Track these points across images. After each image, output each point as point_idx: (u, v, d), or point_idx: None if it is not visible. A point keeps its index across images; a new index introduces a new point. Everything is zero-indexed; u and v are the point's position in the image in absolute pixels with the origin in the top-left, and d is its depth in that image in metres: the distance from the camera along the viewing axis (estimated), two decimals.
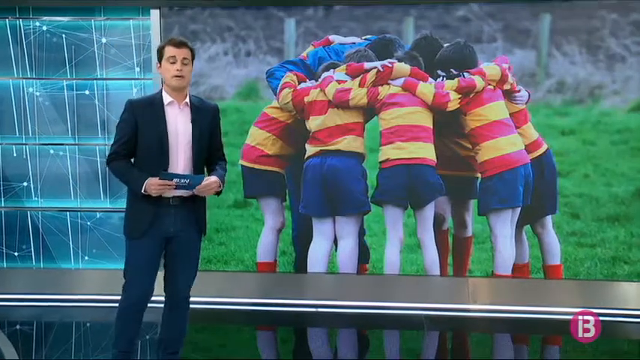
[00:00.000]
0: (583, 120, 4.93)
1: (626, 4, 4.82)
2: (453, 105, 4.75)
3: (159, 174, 3.23)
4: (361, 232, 5.00)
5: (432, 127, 4.78)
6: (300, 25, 5.07)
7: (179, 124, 3.36)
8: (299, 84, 4.92)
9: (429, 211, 4.84)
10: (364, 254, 5.04)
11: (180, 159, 3.35)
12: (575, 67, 4.89)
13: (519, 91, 4.84)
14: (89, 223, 5.34)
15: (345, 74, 4.83)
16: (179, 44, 3.33)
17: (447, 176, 4.83)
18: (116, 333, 3.47)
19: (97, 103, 5.26)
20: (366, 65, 4.81)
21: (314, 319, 4.96)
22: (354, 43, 5.00)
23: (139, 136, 3.32)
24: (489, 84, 4.77)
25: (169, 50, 3.32)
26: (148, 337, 4.32)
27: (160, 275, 3.47)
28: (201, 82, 5.09)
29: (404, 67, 4.80)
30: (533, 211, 4.87)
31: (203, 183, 3.32)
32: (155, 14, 5.08)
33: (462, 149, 4.89)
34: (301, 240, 5.08)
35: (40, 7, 5.19)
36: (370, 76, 4.79)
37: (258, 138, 5.01)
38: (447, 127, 4.85)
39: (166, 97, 3.36)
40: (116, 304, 3.46)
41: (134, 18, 5.18)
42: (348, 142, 4.82)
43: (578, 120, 4.93)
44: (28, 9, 5.21)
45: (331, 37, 5.04)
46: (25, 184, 5.35)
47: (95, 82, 5.24)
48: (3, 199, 5.37)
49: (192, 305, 3.58)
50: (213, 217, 4.77)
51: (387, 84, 4.80)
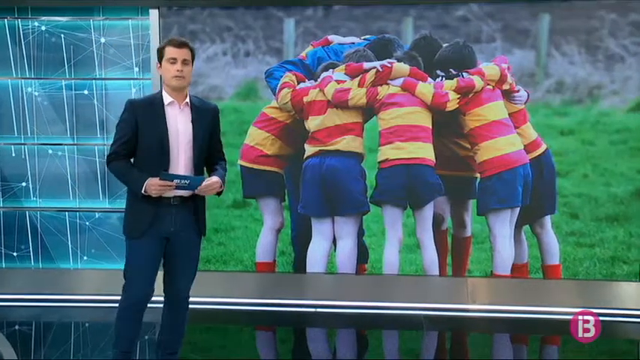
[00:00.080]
0: (582, 120, 4.93)
1: (625, 4, 4.82)
2: (452, 105, 4.76)
3: (159, 174, 3.23)
4: (360, 232, 4.99)
5: (431, 127, 4.78)
6: (300, 25, 5.07)
7: (179, 124, 3.35)
8: (298, 84, 4.92)
9: (428, 211, 4.84)
10: (363, 254, 5.04)
11: (181, 159, 3.35)
12: (574, 67, 4.90)
13: (518, 91, 4.85)
14: (88, 223, 5.34)
15: (344, 74, 4.83)
16: (179, 45, 3.33)
17: (446, 176, 4.83)
18: (116, 333, 3.46)
19: (95, 103, 5.25)
20: (365, 65, 4.81)
21: (313, 319, 4.95)
22: (353, 43, 5.00)
23: (139, 136, 3.31)
24: (488, 84, 4.77)
25: (170, 51, 3.31)
26: (147, 337, 4.31)
27: (160, 275, 3.47)
28: (200, 82, 5.08)
29: (403, 67, 4.80)
30: (532, 211, 4.87)
31: (205, 183, 3.32)
32: (154, 14, 5.08)
33: (461, 149, 4.89)
34: (300, 240, 5.08)
35: (39, 7, 5.19)
36: (369, 76, 4.78)
37: (257, 138, 5.01)
38: (446, 127, 4.85)
39: (166, 97, 3.36)
40: (115, 304, 3.45)
41: (133, 18, 5.18)
42: (347, 142, 4.82)
43: (577, 120, 4.94)
44: (26, 9, 5.21)
45: (330, 37, 5.04)
46: (24, 184, 5.34)
47: (94, 82, 5.24)
48: (2, 199, 5.37)
49: (191, 305, 3.58)
50: (212, 217, 4.75)
51: (386, 84, 4.80)
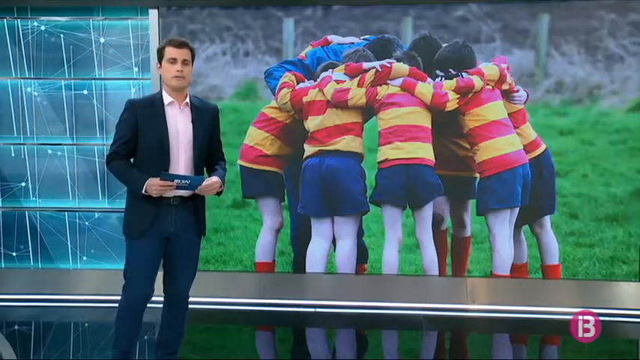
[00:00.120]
0: (581, 120, 4.93)
1: (625, 4, 4.82)
2: (451, 105, 4.76)
3: (159, 174, 3.23)
4: (360, 232, 4.99)
5: (430, 127, 4.78)
6: (299, 25, 5.07)
7: (179, 124, 3.35)
8: (297, 84, 4.92)
9: (427, 211, 4.84)
10: (363, 254, 5.04)
11: (181, 159, 3.34)
12: (574, 67, 4.90)
13: (518, 91, 4.85)
14: (87, 223, 5.33)
15: (344, 74, 4.83)
16: (180, 45, 3.32)
17: (446, 176, 4.83)
18: (116, 333, 3.46)
19: (95, 103, 5.25)
20: (365, 65, 4.81)
21: (312, 319, 4.95)
22: (352, 43, 5.00)
23: (139, 137, 3.31)
24: (488, 84, 4.77)
25: (170, 51, 3.31)
26: (146, 337, 4.31)
27: (159, 275, 3.46)
28: (200, 82, 5.08)
29: (402, 67, 4.80)
30: (531, 211, 4.87)
31: (205, 183, 3.32)
32: (153, 14, 5.08)
33: (461, 149, 4.89)
34: (300, 240, 5.08)
35: (39, 6, 5.18)
36: (369, 76, 4.78)
37: (256, 138, 5.01)
38: (446, 127, 4.85)
39: (166, 98, 3.36)
40: (114, 304, 3.45)
41: (132, 18, 5.17)
42: (346, 142, 4.82)
43: (576, 120, 4.94)
44: (26, 9, 5.20)
45: (330, 37, 5.04)
46: (23, 184, 5.34)
47: (93, 82, 5.23)
48: (1, 199, 5.36)
49: (190, 305, 3.58)
50: (211, 217, 4.74)
51: (386, 84, 4.80)
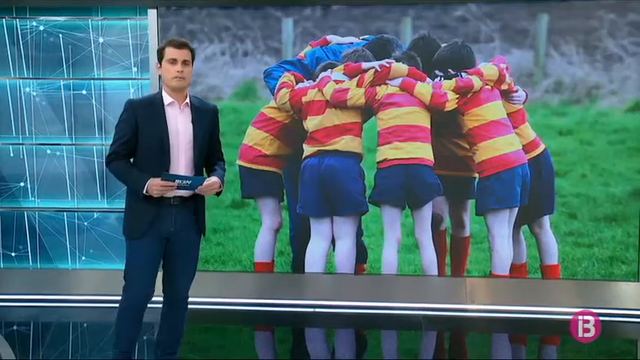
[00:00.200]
0: (580, 120, 4.93)
1: (624, 4, 4.82)
2: (450, 105, 4.76)
3: (160, 174, 3.22)
4: (359, 232, 4.99)
5: (429, 127, 4.78)
6: (298, 25, 5.07)
7: (179, 124, 3.35)
8: (297, 84, 4.92)
9: (426, 211, 4.84)
10: (362, 254, 5.04)
11: (182, 159, 3.34)
12: (573, 67, 4.90)
13: (517, 91, 4.85)
14: (86, 223, 5.33)
15: (343, 74, 4.83)
16: (180, 45, 3.32)
17: (445, 176, 4.83)
18: (116, 333, 3.46)
19: (94, 103, 5.25)
20: (364, 65, 4.81)
21: (312, 319, 4.95)
22: (351, 43, 4.99)
23: (139, 137, 3.31)
24: (487, 84, 4.77)
25: (170, 51, 3.31)
26: (145, 337, 4.31)
27: (159, 275, 3.46)
28: (199, 82, 5.08)
29: (402, 67, 4.80)
30: (530, 211, 4.87)
31: (206, 183, 3.32)
32: (152, 14, 5.07)
33: (460, 149, 4.89)
34: (299, 240, 5.08)
35: (37, 6, 5.17)
36: (368, 76, 4.78)
37: (255, 138, 5.01)
38: (445, 127, 4.85)
39: (166, 98, 3.36)
40: (114, 304, 3.45)
41: (131, 18, 5.17)
42: (345, 142, 4.82)
43: (575, 120, 4.94)
44: (25, 9, 5.20)
45: (329, 37, 5.03)
46: (22, 184, 5.33)
47: (92, 82, 5.23)
48: (0, 199, 5.36)
49: (189, 305, 3.58)
50: (210, 218, 4.74)
51: (385, 84, 4.80)
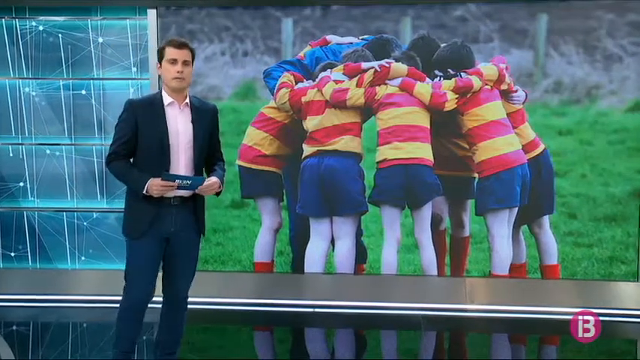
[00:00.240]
0: (580, 120, 4.93)
1: (623, 4, 4.82)
2: (450, 105, 4.75)
3: (160, 174, 3.22)
4: (359, 232, 4.99)
5: (429, 127, 4.78)
6: (298, 25, 5.06)
7: (179, 124, 3.35)
8: (296, 84, 4.92)
9: (426, 211, 4.84)
10: (361, 254, 5.04)
11: (182, 159, 3.34)
12: (573, 67, 4.90)
13: (516, 91, 4.84)
14: (86, 223, 5.33)
15: (343, 74, 4.83)
16: (180, 45, 3.31)
17: (445, 176, 4.83)
18: (117, 333, 3.46)
19: (93, 103, 5.24)
20: (364, 65, 4.81)
21: (311, 319, 4.95)
22: (351, 43, 4.99)
23: (139, 137, 3.30)
24: (486, 84, 4.77)
25: (170, 52, 3.30)
26: (145, 337, 4.30)
27: (159, 276, 3.45)
28: (198, 82, 5.07)
29: (401, 67, 4.80)
30: (530, 211, 4.87)
31: (206, 183, 3.32)
32: (152, 14, 5.07)
33: (460, 149, 4.89)
34: (298, 240, 5.08)
35: (37, 6, 5.17)
36: (368, 76, 4.78)
37: (255, 138, 5.01)
38: (445, 127, 4.85)
39: (166, 98, 3.35)
40: (113, 304, 3.45)
41: (131, 18, 5.17)
42: (345, 142, 4.82)
43: (575, 120, 4.94)
44: (24, 9, 5.19)
45: (328, 37, 5.03)
46: (22, 184, 5.33)
47: (92, 82, 5.22)
48: None
49: (189, 305, 3.58)
50: (210, 218, 4.75)
51: (385, 84, 4.79)
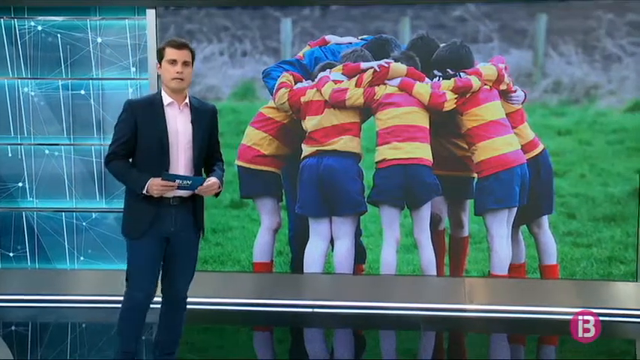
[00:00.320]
0: (579, 120, 4.93)
1: (622, 4, 4.82)
2: (449, 105, 4.75)
3: (160, 174, 3.22)
4: (358, 233, 4.99)
5: (428, 127, 4.78)
6: (297, 25, 5.06)
7: (179, 124, 3.34)
8: (295, 84, 4.91)
9: (425, 212, 4.84)
10: (361, 254, 5.04)
11: (181, 159, 3.34)
12: (572, 67, 4.90)
13: (515, 91, 4.85)
14: (85, 223, 5.32)
15: (342, 74, 4.82)
16: (179, 46, 3.31)
17: (444, 176, 4.83)
18: (119, 333, 3.46)
19: (92, 103, 5.24)
20: (363, 65, 4.81)
21: (310, 319, 4.94)
22: (350, 43, 4.99)
23: (138, 137, 3.30)
24: (486, 84, 4.77)
25: (170, 52, 3.30)
26: (144, 337, 4.30)
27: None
28: (197, 82, 5.07)
29: (400, 67, 4.80)
30: (529, 211, 4.87)
31: (206, 184, 3.32)
32: (151, 14, 5.07)
33: (459, 149, 4.89)
34: (298, 240, 5.08)
35: (35, 6, 5.17)
36: (367, 76, 4.78)
37: (254, 138, 5.01)
38: (444, 127, 4.85)
39: (166, 98, 3.35)
40: (112, 304, 3.46)
41: (130, 18, 5.16)
42: (344, 143, 4.82)
43: (574, 120, 4.94)
44: (23, 9, 5.19)
45: (327, 37, 5.03)
46: (20, 184, 5.32)
47: (91, 82, 5.22)
48: None
49: (188, 306, 3.58)
50: (209, 218, 4.76)
51: (384, 84, 4.79)
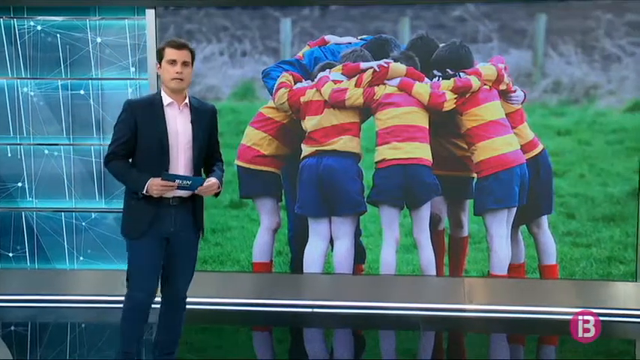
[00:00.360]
0: (579, 120, 4.93)
1: (622, 4, 4.82)
2: (449, 105, 4.75)
3: (160, 174, 3.22)
4: (357, 233, 4.99)
5: (428, 127, 4.78)
6: (296, 25, 5.06)
7: (179, 124, 3.34)
8: (295, 84, 4.91)
9: (425, 212, 4.84)
10: (360, 254, 5.04)
11: (181, 159, 3.34)
12: (571, 67, 4.90)
13: (515, 91, 4.85)
14: (84, 223, 5.32)
15: (341, 74, 4.82)
16: (179, 46, 3.31)
17: (443, 176, 4.83)
18: (121, 334, 3.47)
19: (92, 103, 5.23)
20: (362, 65, 4.81)
21: (310, 319, 4.95)
22: (350, 43, 4.99)
23: (138, 137, 3.30)
24: (485, 84, 4.77)
25: (169, 52, 3.29)
26: (143, 337, 4.29)
27: None
28: (197, 82, 5.06)
29: (400, 67, 4.80)
30: (528, 211, 4.87)
31: (206, 184, 3.32)
32: (150, 14, 5.06)
33: (458, 149, 4.89)
34: (297, 240, 5.07)
35: (35, 6, 5.16)
36: (366, 76, 4.78)
37: (254, 138, 5.00)
38: (443, 127, 4.85)
39: (166, 98, 3.35)
40: (111, 304, 3.46)
41: (129, 18, 5.16)
42: (344, 143, 4.82)
43: (573, 120, 4.94)
44: (22, 8, 5.19)
45: (327, 37, 5.03)
46: (20, 184, 5.32)
47: (90, 82, 5.22)
48: None
49: (187, 306, 3.58)
50: (209, 218, 4.76)
51: (383, 84, 4.79)
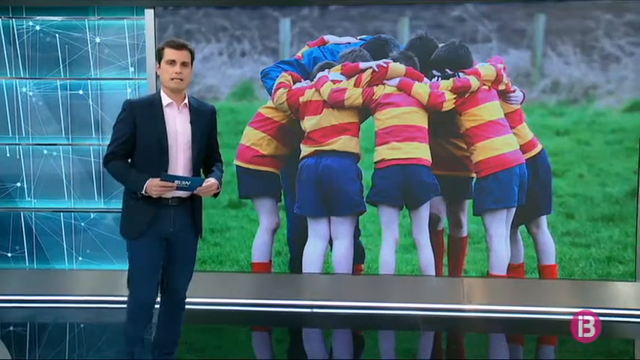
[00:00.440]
0: (578, 120, 4.94)
1: (621, 4, 4.82)
2: (448, 105, 4.76)
3: (159, 175, 3.21)
4: (356, 233, 4.99)
5: (427, 127, 4.78)
6: (295, 25, 5.06)
7: (178, 125, 3.34)
8: (294, 84, 4.91)
9: (424, 212, 4.84)
10: (359, 254, 5.04)
11: (180, 159, 3.33)
12: (570, 68, 4.90)
13: (514, 92, 4.85)
14: (83, 223, 5.31)
15: (341, 74, 4.82)
16: (178, 46, 3.30)
17: (443, 176, 4.83)
18: (126, 334, 3.48)
19: (90, 103, 5.23)
20: (362, 65, 4.81)
21: (309, 319, 4.95)
22: (349, 43, 4.99)
23: (137, 137, 3.29)
24: (484, 84, 4.77)
25: (169, 52, 3.28)
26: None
27: None
28: (196, 82, 5.06)
29: (399, 67, 4.80)
30: (528, 211, 4.87)
31: (205, 184, 3.31)
32: (149, 14, 5.06)
33: (457, 149, 4.89)
34: (296, 240, 5.07)
35: (34, 6, 5.16)
36: (365, 76, 4.78)
37: (252, 138, 5.00)
38: (442, 127, 4.85)
39: (165, 99, 3.34)
40: (110, 304, 3.45)
41: (128, 17, 5.16)
42: (343, 143, 4.82)
43: (572, 120, 4.94)
44: (21, 8, 5.18)
45: (326, 37, 5.03)
46: (19, 184, 5.31)
47: (89, 82, 5.21)
48: None
49: (187, 306, 3.58)
50: (208, 218, 4.75)
51: (383, 84, 4.79)
